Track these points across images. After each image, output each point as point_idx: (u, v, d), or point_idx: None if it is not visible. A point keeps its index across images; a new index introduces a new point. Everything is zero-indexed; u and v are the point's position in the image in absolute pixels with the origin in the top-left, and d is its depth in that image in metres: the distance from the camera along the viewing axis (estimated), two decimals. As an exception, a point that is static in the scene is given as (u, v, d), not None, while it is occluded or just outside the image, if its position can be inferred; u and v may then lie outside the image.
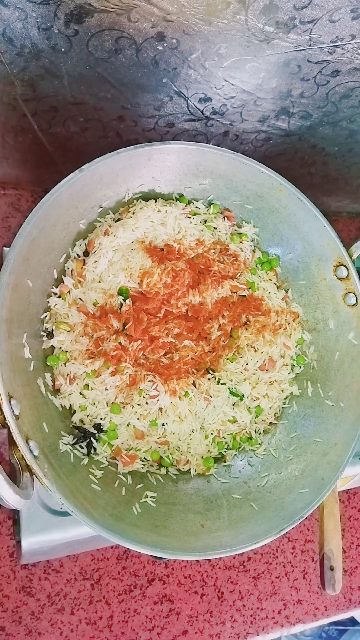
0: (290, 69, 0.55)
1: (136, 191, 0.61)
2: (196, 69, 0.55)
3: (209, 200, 0.65)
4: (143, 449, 0.58)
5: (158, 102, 0.60)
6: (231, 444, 0.62)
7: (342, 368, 0.62)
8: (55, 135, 0.65)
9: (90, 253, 0.59)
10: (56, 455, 0.51)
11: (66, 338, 0.56)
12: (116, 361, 0.56)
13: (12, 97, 0.58)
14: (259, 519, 0.55)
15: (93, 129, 0.64)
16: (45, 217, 0.51)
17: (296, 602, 0.77)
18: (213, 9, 0.47)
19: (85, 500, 0.49)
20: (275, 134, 0.68)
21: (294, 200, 0.61)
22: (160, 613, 0.70)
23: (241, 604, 0.74)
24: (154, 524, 0.53)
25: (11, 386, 0.46)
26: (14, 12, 0.46)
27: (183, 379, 0.58)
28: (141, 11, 0.47)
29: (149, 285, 0.58)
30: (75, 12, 0.47)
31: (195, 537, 0.53)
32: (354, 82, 0.58)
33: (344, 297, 0.62)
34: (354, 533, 0.85)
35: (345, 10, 0.48)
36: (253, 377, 0.62)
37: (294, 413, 0.64)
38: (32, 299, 0.54)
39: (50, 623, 0.65)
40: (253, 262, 0.65)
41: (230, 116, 0.63)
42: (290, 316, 0.65)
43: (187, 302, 0.60)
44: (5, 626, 0.63)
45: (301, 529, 0.81)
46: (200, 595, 0.72)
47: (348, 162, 0.78)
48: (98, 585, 0.68)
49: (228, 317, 0.61)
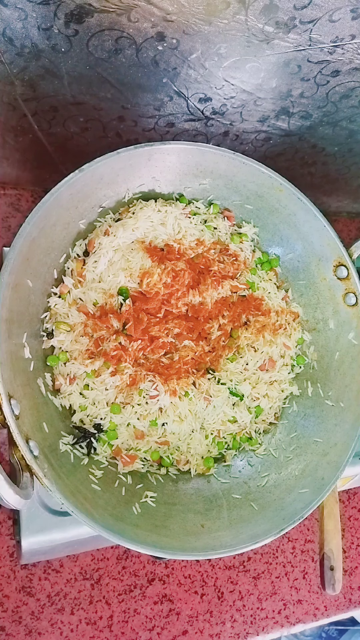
0: (290, 69, 0.55)
1: (136, 191, 0.61)
2: (196, 69, 0.55)
3: (209, 200, 0.65)
4: (143, 449, 0.58)
5: (158, 102, 0.60)
6: (231, 444, 0.62)
7: (342, 368, 0.62)
8: (55, 135, 0.65)
9: (90, 253, 0.59)
10: (56, 455, 0.51)
11: (66, 338, 0.56)
12: (116, 361, 0.56)
13: (12, 97, 0.58)
14: (259, 519, 0.55)
15: (93, 129, 0.64)
16: (45, 217, 0.51)
17: (296, 602, 0.77)
18: (213, 9, 0.47)
19: (85, 500, 0.49)
20: (275, 134, 0.68)
21: (294, 200, 0.61)
22: (160, 613, 0.70)
23: (241, 604, 0.74)
24: (154, 524, 0.53)
25: (11, 386, 0.46)
26: (14, 12, 0.46)
27: (183, 379, 0.58)
28: (141, 11, 0.47)
29: (149, 285, 0.58)
30: (75, 12, 0.47)
31: (195, 537, 0.53)
32: (354, 82, 0.58)
33: (344, 297, 0.62)
34: (354, 533, 0.85)
35: (345, 10, 0.48)
36: (253, 377, 0.62)
37: (294, 413, 0.64)
38: (32, 299, 0.54)
39: (50, 623, 0.65)
40: (253, 262, 0.65)
41: (230, 116, 0.63)
42: (290, 316, 0.65)
43: (187, 302, 0.60)
44: (5, 626, 0.63)
45: (301, 529, 0.81)
46: (200, 595, 0.72)
47: (348, 162, 0.78)
48: (98, 585, 0.68)
49: (228, 317, 0.61)
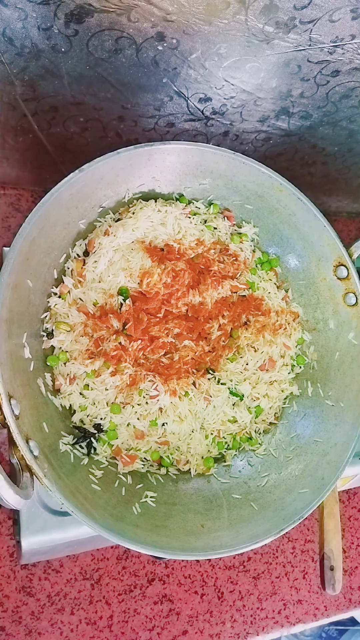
0: (290, 69, 0.55)
1: (136, 191, 0.61)
2: (196, 69, 0.55)
3: (209, 200, 0.65)
4: (143, 449, 0.58)
5: (158, 102, 0.60)
6: (231, 444, 0.62)
7: (342, 368, 0.62)
8: (55, 135, 0.65)
9: (90, 253, 0.59)
10: (56, 455, 0.51)
11: (66, 338, 0.56)
12: (116, 361, 0.56)
13: (12, 97, 0.58)
14: (259, 519, 0.55)
15: (93, 129, 0.64)
16: (45, 217, 0.51)
17: (296, 602, 0.77)
18: (213, 9, 0.47)
19: (85, 500, 0.49)
20: (275, 134, 0.68)
21: (294, 200, 0.61)
22: (160, 613, 0.70)
23: (241, 604, 0.74)
24: (154, 524, 0.53)
25: (11, 386, 0.46)
26: (14, 12, 0.46)
27: (183, 379, 0.58)
28: (141, 11, 0.47)
29: (149, 285, 0.58)
30: (75, 12, 0.47)
31: (195, 537, 0.53)
32: (354, 82, 0.58)
33: (344, 297, 0.62)
34: (354, 533, 0.85)
35: (345, 10, 0.48)
36: (253, 377, 0.62)
37: (294, 413, 0.64)
38: (32, 299, 0.54)
39: (50, 623, 0.65)
40: (253, 262, 0.65)
41: (230, 116, 0.63)
42: (290, 316, 0.65)
43: (187, 302, 0.60)
44: (5, 626, 0.63)
45: (301, 529, 0.81)
46: (200, 595, 0.72)
47: (348, 162, 0.78)
48: (98, 585, 0.68)
49: (228, 317, 0.61)
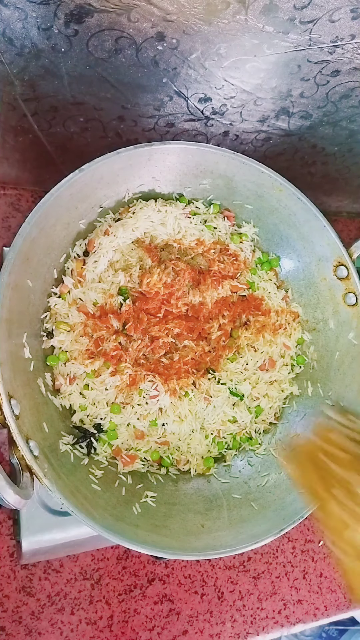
0: (290, 69, 0.55)
1: (136, 191, 0.61)
2: (196, 69, 0.55)
3: (209, 200, 0.65)
4: (143, 449, 0.58)
5: (158, 102, 0.60)
6: (231, 444, 0.62)
7: (342, 368, 0.62)
8: (55, 135, 0.65)
9: (90, 253, 0.59)
10: (56, 455, 0.51)
11: (66, 338, 0.56)
12: (116, 361, 0.56)
13: (12, 97, 0.58)
14: (259, 519, 0.55)
15: (93, 129, 0.64)
16: (45, 217, 0.51)
17: (296, 602, 0.77)
18: (213, 9, 0.47)
19: (85, 500, 0.49)
20: (275, 134, 0.68)
21: (294, 200, 0.61)
22: (160, 613, 0.70)
23: (241, 604, 0.74)
24: (154, 524, 0.53)
25: (11, 386, 0.46)
26: (14, 12, 0.46)
27: (183, 379, 0.58)
28: (141, 11, 0.47)
29: (149, 285, 0.58)
30: (75, 12, 0.47)
31: (195, 537, 0.53)
32: (354, 82, 0.58)
33: (344, 297, 0.62)
34: (354, 533, 0.85)
35: (345, 10, 0.48)
36: (253, 377, 0.62)
37: (294, 413, 0.64)
38: (32, 299, 0.54)
39: (50, 623, 0.65)
40: (253, 262, 0.65)
41: (230, 116, 0.63)
42: (290, 316, 0.65)
43: (187, 302, 0.60)
44: (5, 626, 0.63)
45: (301, 529, 0.80)
46: (200, 595, 0.72)
47: (348, 162, 0.78)
48: (98, 585, 0.68)
49: (228, 317, 0.61)
